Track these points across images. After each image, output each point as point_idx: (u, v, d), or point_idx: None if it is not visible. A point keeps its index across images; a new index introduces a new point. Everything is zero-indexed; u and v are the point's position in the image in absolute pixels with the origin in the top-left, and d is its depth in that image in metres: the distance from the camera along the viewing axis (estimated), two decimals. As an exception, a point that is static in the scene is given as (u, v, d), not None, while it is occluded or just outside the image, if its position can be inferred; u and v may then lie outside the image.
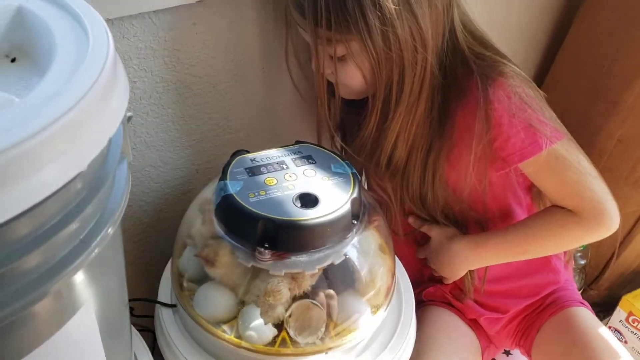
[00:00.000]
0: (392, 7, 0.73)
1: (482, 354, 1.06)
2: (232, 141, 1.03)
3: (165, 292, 0.85)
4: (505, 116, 0.79)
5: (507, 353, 1.11)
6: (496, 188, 0.92)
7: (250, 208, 0.71)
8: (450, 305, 1.08)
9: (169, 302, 0.83)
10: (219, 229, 0.75)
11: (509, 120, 0.79)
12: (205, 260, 0.75)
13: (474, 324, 1.07)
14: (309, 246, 0.72)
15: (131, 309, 0.93)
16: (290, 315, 0.75)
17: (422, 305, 1.10)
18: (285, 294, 0.72)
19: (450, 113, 0.85)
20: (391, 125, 0.85)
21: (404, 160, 0.90)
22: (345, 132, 1.01)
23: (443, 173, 0.90)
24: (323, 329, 0.76)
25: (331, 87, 0.89)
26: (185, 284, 0.79)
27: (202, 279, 0.78)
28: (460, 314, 1.07)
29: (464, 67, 0.82)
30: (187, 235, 0.81)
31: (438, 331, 1.03)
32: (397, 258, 0.95)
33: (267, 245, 0.70)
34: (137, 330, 0.94)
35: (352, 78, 0.83)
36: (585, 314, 0.99)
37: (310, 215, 0.71)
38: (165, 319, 0.81)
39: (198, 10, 0.86)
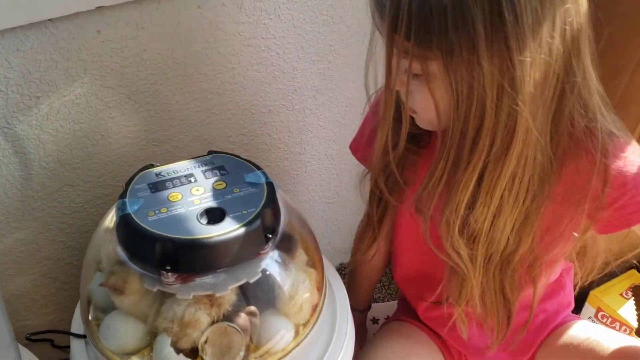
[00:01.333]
0: (482, 30, 0.56)
1: None
2: (158, 155, 0.97)
3: (79, 320, 0.79)
4: (629, 176, 0.68)
5: None
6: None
7: (147, 228, 0.65)
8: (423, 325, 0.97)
9: (81, 333, 0.77)
10: (121, 253, 0.69)
11: (633, 179, 0.68)
12: (112, 289, 0.69)
13: (441, 344, 0.96)
14: (214, 266, 0.66)
15: (51, 341, 0.88)
16: (205, 341, 0.69)
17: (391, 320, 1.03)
18: (204, 321, 0.66)
19: (554, 171, 0.68)
20: (462, 178, 0.66)
21: (486, 225, 0.69)
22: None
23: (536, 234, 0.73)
24: (242, 354, 0.70)
25: (398, 112, 0.71)
26: (93, 313, 0.73)
27: (110, 307, 0.72)
28: (431, 332, 0.96)
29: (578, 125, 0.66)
30: (95, 259, 0.75)
31: (393, 354, 0.91)
32: (332, 271, 0.90)
33: (168, 268, 0.65)
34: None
35: (424, 104, 0.65)
36: (586, 325, 0.91)
37: (214, 232, 0.65)
38: (76, 351, 0.75)
39: (100, 17, 0.80)
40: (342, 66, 1.09)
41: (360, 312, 1.08)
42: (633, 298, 1.25)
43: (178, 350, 0.67)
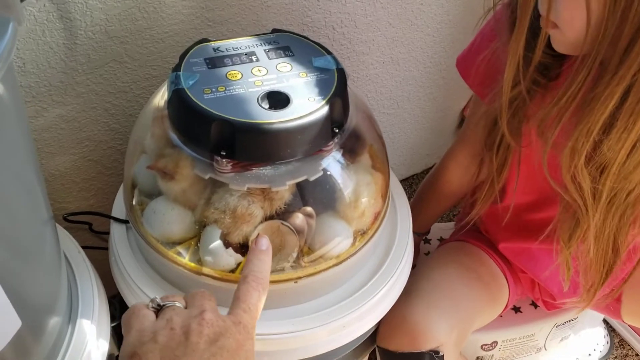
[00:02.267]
0: None
1: (507, 306, 0.90)
2: (212, 37, 0.87)
3: (121, 205, 0.74)
4: None
5: (517, 310, 0.98)
6: None
7: (203, 106, 0.57)
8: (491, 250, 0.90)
9: (123, 218, 0.72)
10: (171, 133, 0.62)
11: None
12: (162, 174, 0.63)
13: (510, 273, 0.89)
14: (275, 156, 0.58)
15: (90, 225, 0.83)
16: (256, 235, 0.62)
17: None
18: (258, 216, 0.59)
19: None
20: (604, 93, 0.55)
21: (622, 154, 0.58)
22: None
23: None
24: (295, 255, 0.64)
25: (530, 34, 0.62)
26: (137, 197, 0.68)
27: (156, 192, 0.66)
28: (495, 255, 0.89)
29: None
30: (142, 139, 0.68)
31: (457, 272, 0.85)
32: (396, 180, 0.82)
33: (223, 153, 0.57)
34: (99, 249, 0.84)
35: (572, 12, 0.55)
36: None
37: (277, 118, 0.57)
38: (117, 236, 0.70)
39: None
40: (423, -45, 0.97)
41: (418, 235, 1.00)
42: None
43: (227, 244, 0.61)
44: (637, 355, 1.09)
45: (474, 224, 0.92)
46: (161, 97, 0.66)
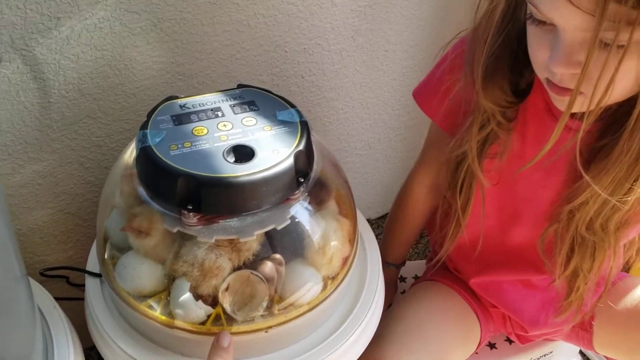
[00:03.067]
0: None
1: (480, 343, 0.91)
2: (183, 90, 0.91)
3: (96, 258, 0.75)
4: None
5: (492, 346, 0.99)
6: None
7: (168, 162, 0.59)
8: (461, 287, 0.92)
9: (97, 272, 0.73)
10: (139, 189, 0.64)
11: None
12: (137, 232, 0.64)
13: (481, 310, 0.91)
14: (241, 208, 0.60)
15: (67, 278, 0.84)
16: (227, 289, 0.64)
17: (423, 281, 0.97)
18: (226, 268, 0.61)
19: None
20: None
21: None
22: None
23: None
24: (265, 304, 0.65)
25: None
26: (109, 252, 0.69)
27: (127, 246, 0.67)
28: (465, 293, 0.91)
29: None
30: (113, 196, 0.70)
31: (428, 312, 0.86)
32: (365, 223, 0.84)
33: (190, 207, 0.59)
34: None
35: (618, 83, 0.52)
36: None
37: (242, 171, 0.59)
38: (91, 290, 0.71)
39: None
40: (385, 5, 1.01)
41: (396, 267, 1.02)
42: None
43: (197, 297, 0.62)
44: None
45: (443, 263, 0.94)
46: (130, 154, 0.68)
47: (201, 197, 0.58)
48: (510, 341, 0.99)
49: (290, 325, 0.66)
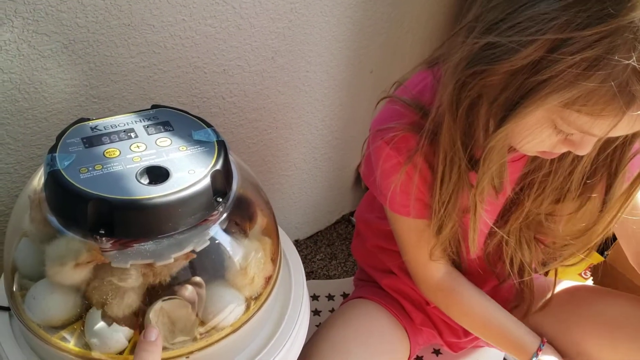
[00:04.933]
0: None
1: (410, 357, 0.92)
2: (99, 113, 0.88)
3: (3, 292, 0.71)
4: None
5: (437, 353, 1.01)
6: None
7: (78, 186, 0.57)
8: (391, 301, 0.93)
9: (5, 305, 0.69)
10: (49, 216, 0.61)
11: None
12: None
13: (409, 325, 0.93)
14: (156, 231, 0.59)
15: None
16: (148, 316, 0.62)
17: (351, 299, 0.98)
18: (141, 292, 0.59)
19: None
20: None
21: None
22: None
23: None
24: (187, 329, 0.63)
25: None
26: (18, 283, 0.65)
27: (37, 276, 0.64)
28: (394, 309, 0.92)
29: None
30: (20, 222, 0.67)
31: (354, 331, 0.87)
32: (289, 241, 0.84)
33: (102, 232, 0.57)
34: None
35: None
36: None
37: (156, 193, 0.57)
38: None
39: (32, -50, 0.71)
40: (304, 27, 1.03)
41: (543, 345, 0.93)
42: (592, 278, 1.24)
43: (112, 321, 0.60)
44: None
45: (373, 280, 0.95)
46: (39, 180, 0.65)
47: (114, 220, 0.56)
48: (437, 353, 1.01)
49: (213, 349, 0.64)
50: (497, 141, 0.63)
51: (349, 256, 1.41)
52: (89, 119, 0.67)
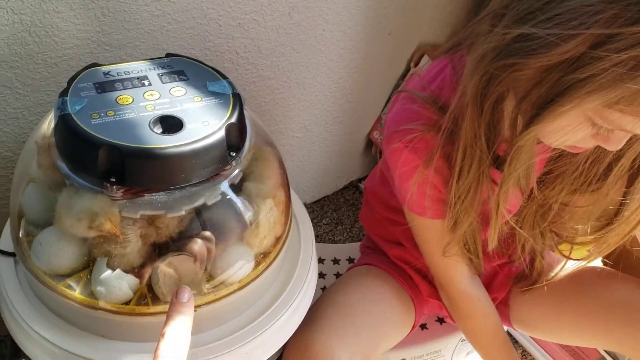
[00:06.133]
0: None
1: (414, 327, 0.92)
2: (110, 61, 0.85)
3: (9, 237, 0.70)
4: None
5: (423, 327, 1.00)
6: None
7: (89, 131, 0.55)
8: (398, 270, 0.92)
9: (10, 251, 0.68)
10: (59, 162, 0.59)
11: None
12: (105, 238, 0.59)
13: (415, 294, 0.91)
14: (168, 182, 0.57)
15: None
16: (156, 270, 0.61)
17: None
18: (131, 239, 0.57)
19: None
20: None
21: None
22: None
23: None
24: (195, 282, 0.62)
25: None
26: (24, 229, 0.64)
27: (45, 222, 0.62)
28: (401, 278, 0.91)
29: None
30: (28, 167, 0.65)
31: (361, 297, 0.86)
32: (299, 202, 0.82)
33: (113, 180, 0.56)
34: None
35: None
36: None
37: (170, 143, 0.56)
38: (4, 271, 0.66)
39: None
40: (323, -18, 0.99)
41: None
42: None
43: (118, 272, 0.59)
44: (537, 364, 1.15)
45: (379, 249, 0.94)
46: (48, 124, 0.63)
47: (125, 169, 0.55)
48: (441, 321, 1.01)
49: (220, 304, 0.64)
50: (527, 140, 0.59)
51: (355, 222, 1.40)
52: (100, 64, 0.65)
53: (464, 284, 0.80)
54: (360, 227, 1.39)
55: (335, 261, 1.08)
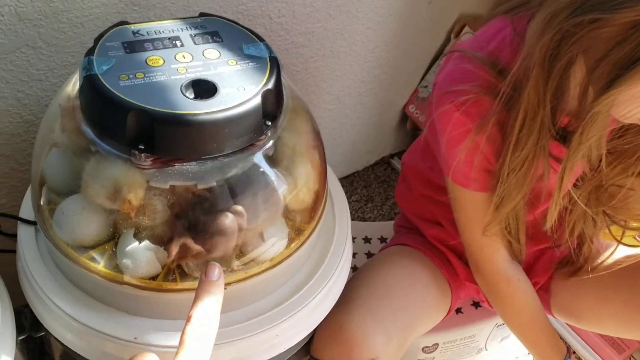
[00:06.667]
0: None
1: (450, 311, 0.87)
2: (137, 21, 0.81)
3: (30, 205, 0.66)
4: None
5: (458, 311, 0.95)
6: None
7: (117, 94, 0.51)
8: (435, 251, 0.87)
9: (31, 219, 0.64)
10: (84, 126, 0.55)
11: None
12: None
13: (452, 277, 0.86)
14: (201, 151, 0.53)
15: (-2, 226, 0.75)
16: (185, 244, 0.57)
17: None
18: (160, 210, 0.53)
19: None
20: None
21: None
22: None
23: None
24: (225, 259, 0.59)
25: None
26: (46, 196, 0.61)
27: (68, 190, 0.59)
28: (438, 260, 0.86)
29: None
30: (51, 131, 0.61)
31: (398, 279, 0.81)
32: (334, 178, 0.78)
33: (142, 147, 0.51)
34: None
35: None
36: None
37: (203, 109, 0.51)
38: (24, 240, 0.63)
39: None
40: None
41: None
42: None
43: (145, 245, 0.55)
44: (574, 352, 1.10)
45: (416, 228, 0.89)
46: (73, 86, 0.59)
47: (155, 135, 0.51)
48: (476, 305, 0.96)
49: (251, 283, 0.60)
50: (604, 106, 0.54)
51: (386, 200, 1.35)
52: (130, 23, 0.61)
53: (503, 264, 0.76)
54: (392, 205, 1.34)
55: (367, 240, 1.04)
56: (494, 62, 0.64)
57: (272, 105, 0.57)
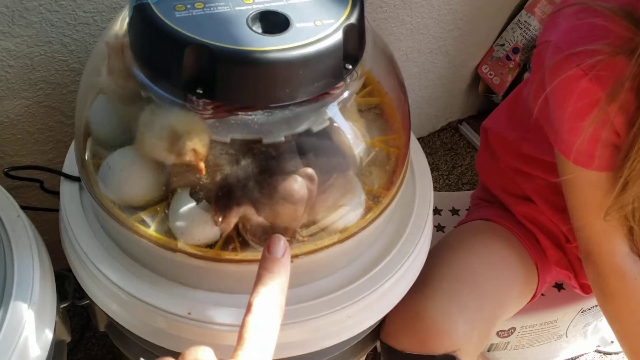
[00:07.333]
0: None
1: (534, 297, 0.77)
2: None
3: (74, 159, 0.59)
4: None
5: (559, 288, 0.86)
6: None
7: (172, 26, 0.43)
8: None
9: (75, 175, 0.58)
10: (134, 69, 0.47)
11: None
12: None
13: (540, 258, 0.77)
14: (269, 97, 0.45)
15: (41, 182, 0.69)
16: (246, 211, 0.49)
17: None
18: (221, 166, 0.46)
19: None
20: None
21: None
22: None
23: None
24: (292, 228, 0.50)
25: None
26: (91, 149, 0.53)
27: (116, 143, 0.51)
28: (525, 240, 0.76)
29: None
30: (97, 75, 0.54)
31: (483, 260, 0.72)
32: (416, 141, 0.68)
33: (200, 91, 0.43)
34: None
35: None
36: None
37: (273, 45, 0.43)
38: (67, 198, 0.56)
39: None
40: None
41: None
42: None
43: (202, 208, 0.47)
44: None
45: (497, 200, 0.78)
46: (121, 23, 0.52)
47: (216, 76, 0.42)
48: (559, 288, 0.86)
49: (319, 257, 0.51)
50: None
51: (453, 169, 1.24)
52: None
53: (620, 256, 0.64)
54: (459, 174, 1.23)
55: (437, 211, 0.94)
56: (630, 11, 0.52)
57: (354, 45, 0.47)
